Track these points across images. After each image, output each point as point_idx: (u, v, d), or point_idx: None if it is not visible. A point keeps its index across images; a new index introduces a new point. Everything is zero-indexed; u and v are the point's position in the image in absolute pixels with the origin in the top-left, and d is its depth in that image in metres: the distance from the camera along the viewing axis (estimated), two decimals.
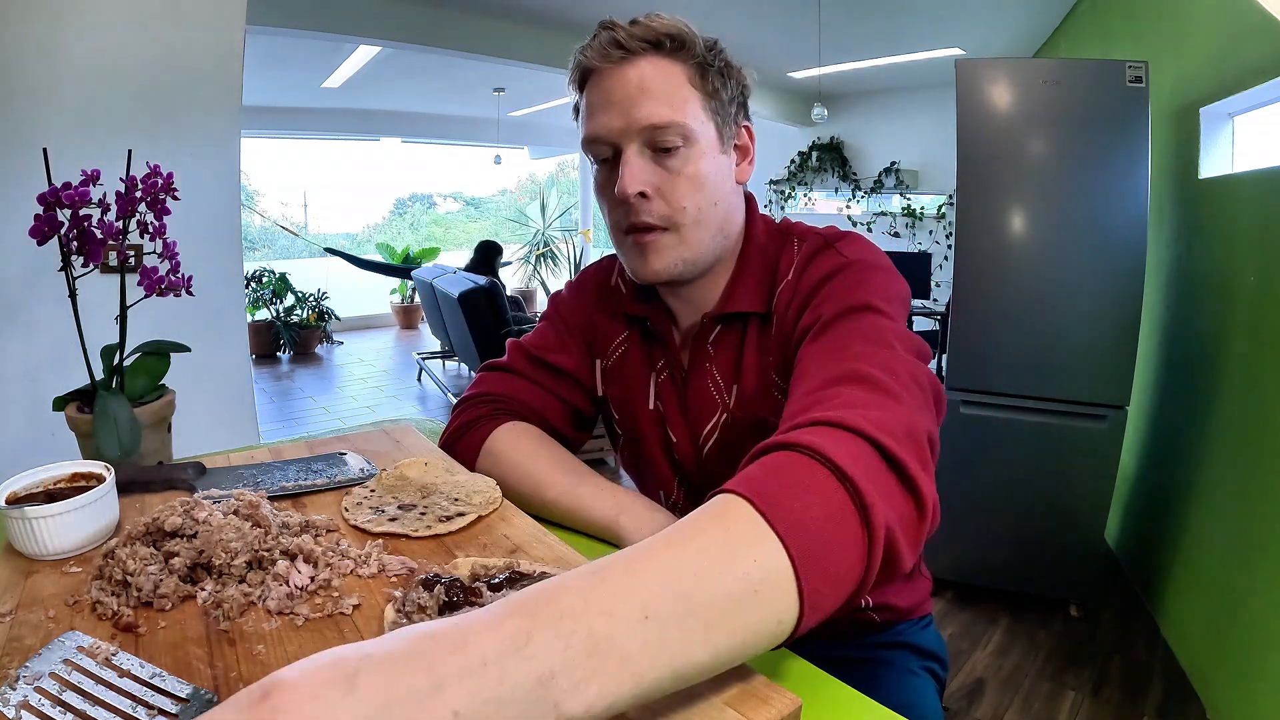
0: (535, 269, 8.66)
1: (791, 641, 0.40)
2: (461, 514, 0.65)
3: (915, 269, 4.52)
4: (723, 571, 0.36)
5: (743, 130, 0.76)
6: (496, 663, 0.29)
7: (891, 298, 0.65)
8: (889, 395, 0.50)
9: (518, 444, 0.76)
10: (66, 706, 0.38)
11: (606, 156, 0.72)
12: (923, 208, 6.45)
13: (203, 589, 0.51)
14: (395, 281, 7.59)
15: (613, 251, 0.84)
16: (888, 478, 0.45)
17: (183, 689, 0.40)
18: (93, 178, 0.76)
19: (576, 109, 0.75)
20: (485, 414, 0.80)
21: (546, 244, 8.75)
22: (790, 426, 0.48)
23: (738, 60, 0.74)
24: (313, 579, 0.53)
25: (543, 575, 0.50)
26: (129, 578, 0.51)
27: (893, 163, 6.59)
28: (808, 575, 0.38)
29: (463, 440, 0.80)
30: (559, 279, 8.33)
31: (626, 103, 0.68)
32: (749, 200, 0.82)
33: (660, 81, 0.68)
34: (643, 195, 0.69)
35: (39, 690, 0.39)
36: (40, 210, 0.73)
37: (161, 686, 0.40)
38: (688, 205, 0.70)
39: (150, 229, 0.81)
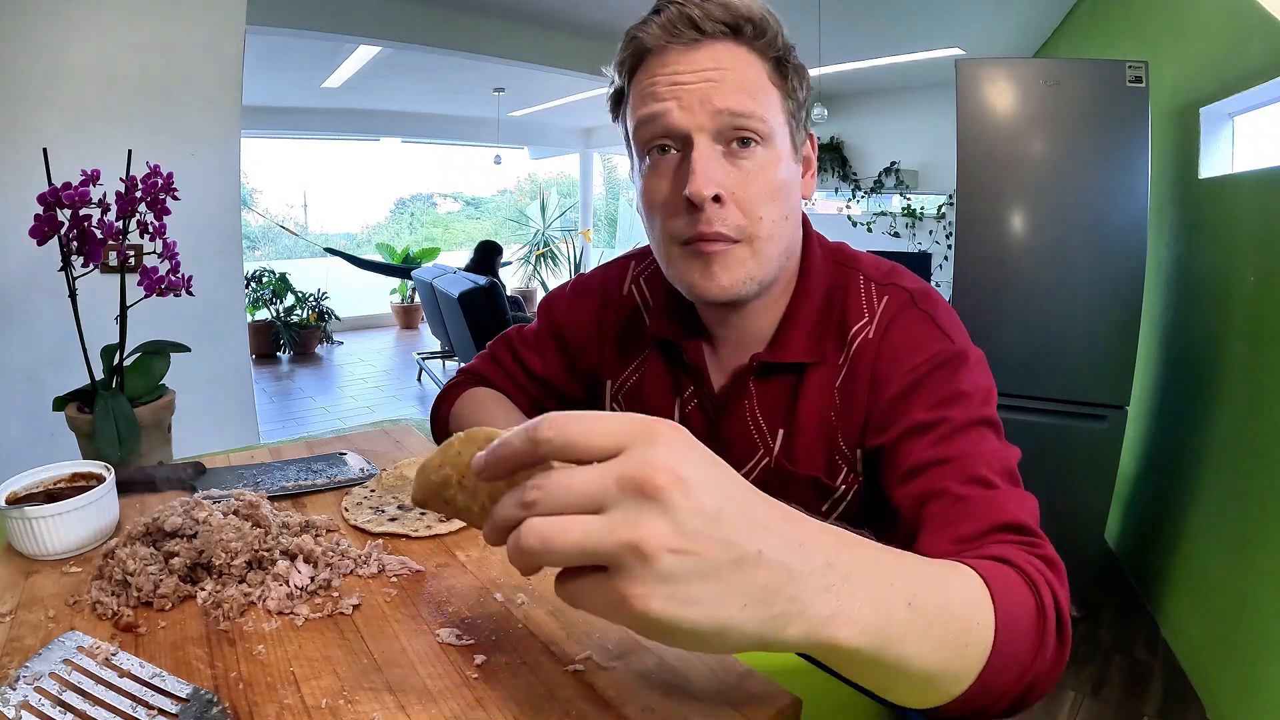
0: (535, 269, 8.66)
1: (938, 714, 0.41)
2: None
3: (915, 269, 4.50)
4: (967, 614, 0.39)
5: (809, 139, 0.68)
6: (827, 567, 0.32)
7: (993, 390, 0.62)
8: (1054, 565, 0.50)
9: (475, 398, 0.84)
10: (66, 706, 0.38)
11: (665, 146, 0.62)
12: (923, 208, 6.45)
13: (203, 589, 0.51)
14: (395, 281, 7.58)
15: (617, 254, 0.80)
16: (1053, 639, 0.45)
17: (183, 689, 0.40)
18: (93, 178, 0.76)
19: (619, 96, 0.66)
20: (460, 382, 0.88)
21: (546, 244, 8.75)
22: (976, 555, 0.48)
23: None
24: (313, 579, 0.53)
25: None
26: (129, 578, 0.51)
27: (893, 163, 6.59)
28: (992, 668, 0.39)
29: (439, 410, 0.87)
30: (559, 279, 8.31)
31: (702, 87, 0.59)
32: (804, 218, 0.74)
33: (741, 69, 0.60)
34: (717, 199, 0.59)
35: (39, 690, 0.39)
36: (40, 210, 0.74)
37: (161, 686, 0.40)
38: (764, 215, 0.61)
39: (150, 229, 0.81)
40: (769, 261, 0.63)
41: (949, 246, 5.73)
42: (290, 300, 6.16)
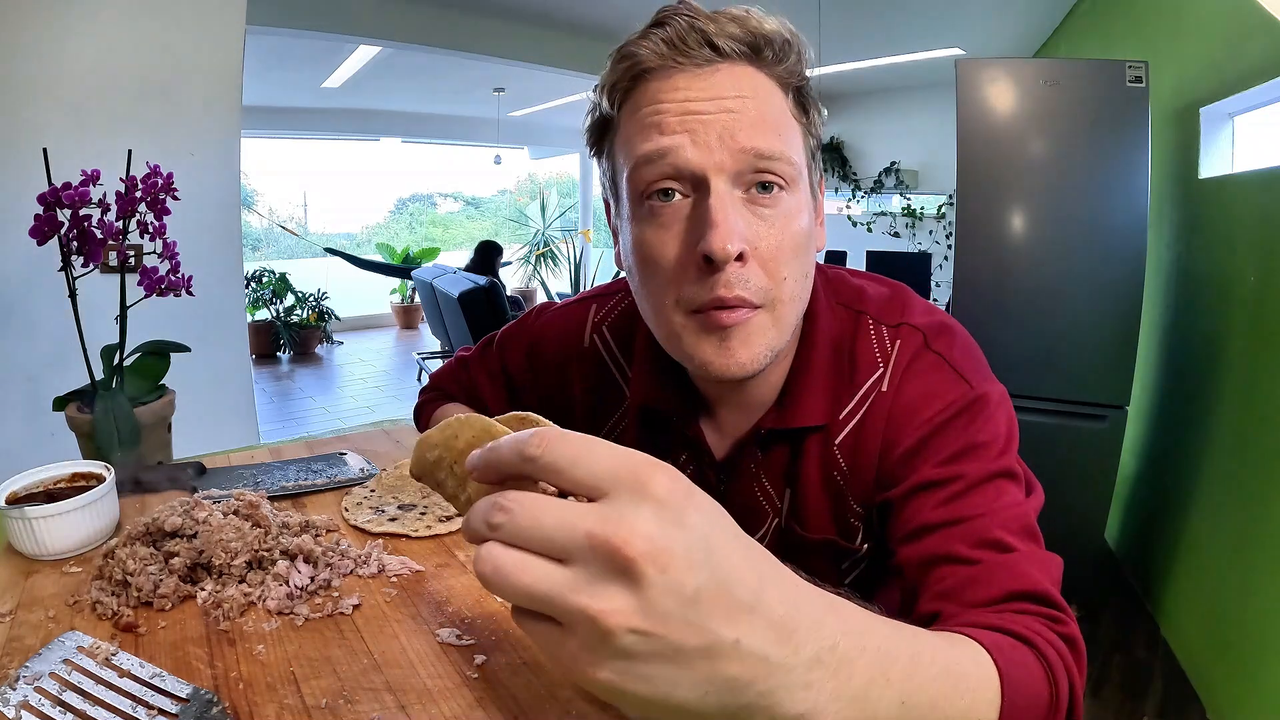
0: (535, 269, 8.65)
1: None
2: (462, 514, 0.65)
3: (915, 269, 4.52)
4: (969, 709, 0.36)
5: (819, 182, 0.60)
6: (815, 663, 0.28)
7: (1014, 432, 0.56)
8: (1075, 645, 0.46)
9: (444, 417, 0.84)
10: (66, 706, 0.38)
11: (670, 190, 0.51)
12: (923, 208, 6.45)
13: (203, 589, 0.51)
14: (395, 281, 7.58)
15: (581, 294, 0.71)
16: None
17: (183, 689, 0.40)
18: (93, 178, 0.76)
19: (604, 126, 0.56)
20: (430, 399, 0.86)
21: (546, 244, 8.75)
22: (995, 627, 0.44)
23: None
24: (313, 579, 0.53)
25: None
26: (129, 578, 0.51)
27: (893, 163, 6.59)
28: None
29: (419, 420, 0.88)
30: (559, 279, 8.32)
31: (722, 119, 0.49)
32: None
33: (764, 97, 0.51)
34: (740, 258, 0.49)
35: (39, 690, 0.39)
36: (40, 210, 0.74)
37: (161, 686, 0.40)
38: (788, 275, 0.52)
39: (150, 229, 0.81)
40: (789, 329, 0.55)
41: (949, 246, 5.73)
42: (290, 300, 6.16)
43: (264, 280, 6.03)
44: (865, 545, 0.61)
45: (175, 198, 0.82)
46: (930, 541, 0.51)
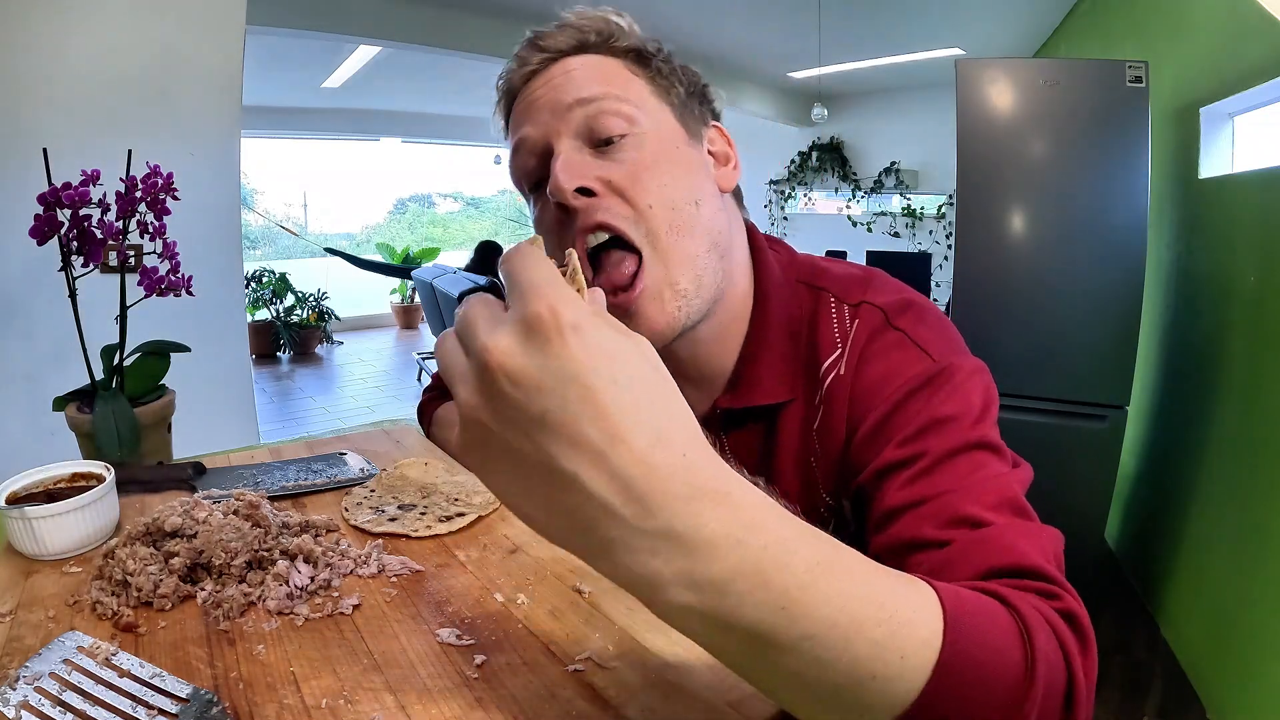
0: None
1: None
2: (461, 514, 0.65)
3: (915, 269, 4.52)
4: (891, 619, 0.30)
5: (715, 131, 0.62)
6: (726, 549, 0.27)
7: (991, 404, 0.52)
8: (1076, 622, 0.37)
9: (443, 419, 0.88)
10: (66, 706, 0.38)
11: (536, 179, 0.58)
12: (923, 208, 6.45)
13: (202, 589, 0.51)
14: (395, 281, 7.59)
15: None
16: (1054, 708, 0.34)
17: (183, 689, 0.40)
18: (93, 178, 0.76)
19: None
20: (431, 399, 0.92)
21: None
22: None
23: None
24: (313, 579, 0.53)
25: None
26: (129, 578, 0.50)
27: (893, 163, 6.59)
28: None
29: (421, 420, 0.94)
30: None
31: (552, 94, 0.55)
32: (750, 231, 0.65)
33: (591, 66, 0.56)
34: (588, 193, 0.52)
35: (39, 690, 0.39)
36: (40, 210, 0.73)
37: (161, 686, 0.40)
38: (653, 202, 0.53)
39: (150, 229, 0.81)
40: (691, 264, 0.54)
41: (949, 246, 5.73)
42: (290, 300, 6.16)
43: (264, 280, 6.03)
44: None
45: (175, 198, 0.82)
46: (896, 528, 0.47)
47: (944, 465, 0.48)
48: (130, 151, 0.84)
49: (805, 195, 7.31)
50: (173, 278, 0.81)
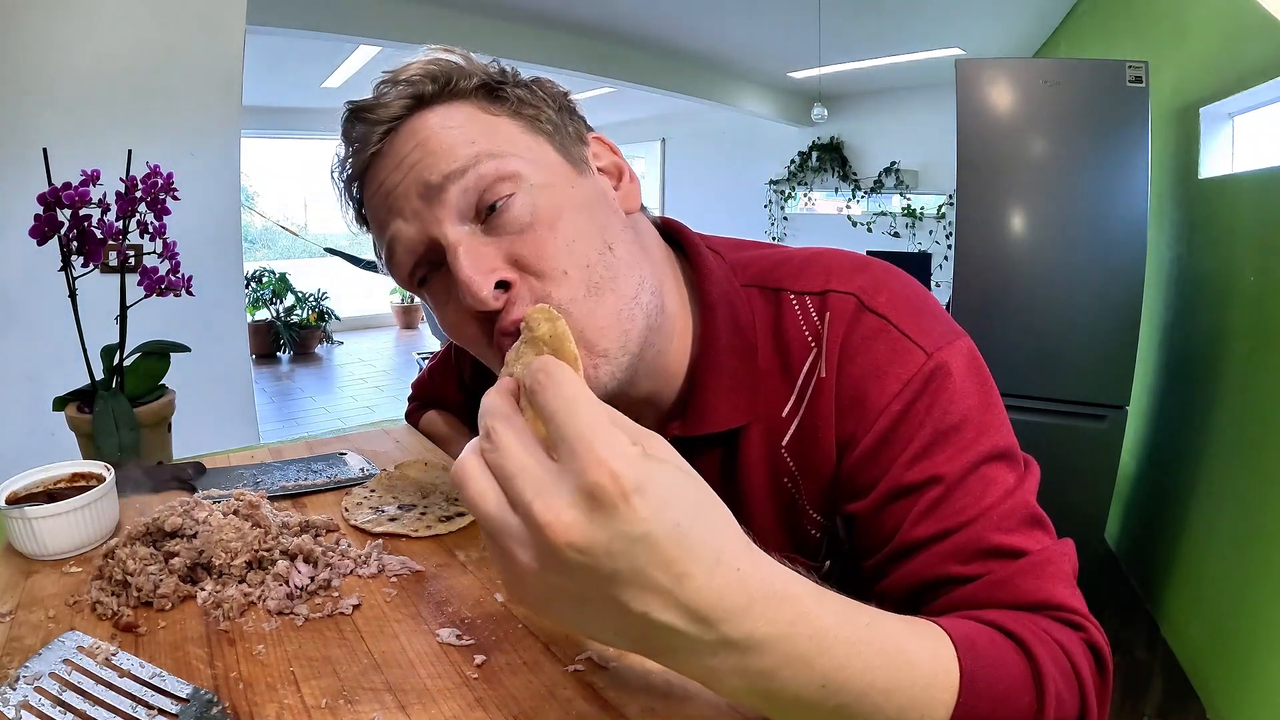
0: None
1: None
2: (461, 514, 0.65)
3: (915, 269, 4.51)
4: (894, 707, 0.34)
5: (597, 143, 0.55)
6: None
7: (985, 378, 0.50)
8: (1099, 652, 0.42)
9: (430, 424, 0.92)
10: (66, 706, 0.38)
11: (424, 274, 0.51)
12: (923, 208, 6.45)
13: (202, 589, 0.51)
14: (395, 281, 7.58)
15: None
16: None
17: (183, 689, 0.40)
18: (93, 178, 0.76)
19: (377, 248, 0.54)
20: (416, 406, 0.95)
21: None
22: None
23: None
24: (312, 579, 0.53)
25: None
26: (129, 578, 0.51)
27: (893, 163, 6.59)
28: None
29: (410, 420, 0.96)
30: None
31: (414, 176, 0.47)
32: (679, 233, 0.59)
33: (437, 129, 0.48)
34: (504, 285, 0.46)
35: (39, 690, 0.39)
36: (40, 210, 0.73)
37: (161, 686, 0.40)
38: (567, 266, 0.47)
39: (150, 229, 0.81)
40: (615, 320, 0.48)
41: (949, 246, 5.73)
42: (290, 300, 6.16)
43: (264, 280, 6.03)
44: (829, 562, 0.55)
45: (175, 198, 0.82)
46: (918, 564, 0.45)
47: (959, 489, 0.46)
48: (130, 151, 0.84)
49: (805, 195, 7.31)
50: (173, 278, 0.81)
